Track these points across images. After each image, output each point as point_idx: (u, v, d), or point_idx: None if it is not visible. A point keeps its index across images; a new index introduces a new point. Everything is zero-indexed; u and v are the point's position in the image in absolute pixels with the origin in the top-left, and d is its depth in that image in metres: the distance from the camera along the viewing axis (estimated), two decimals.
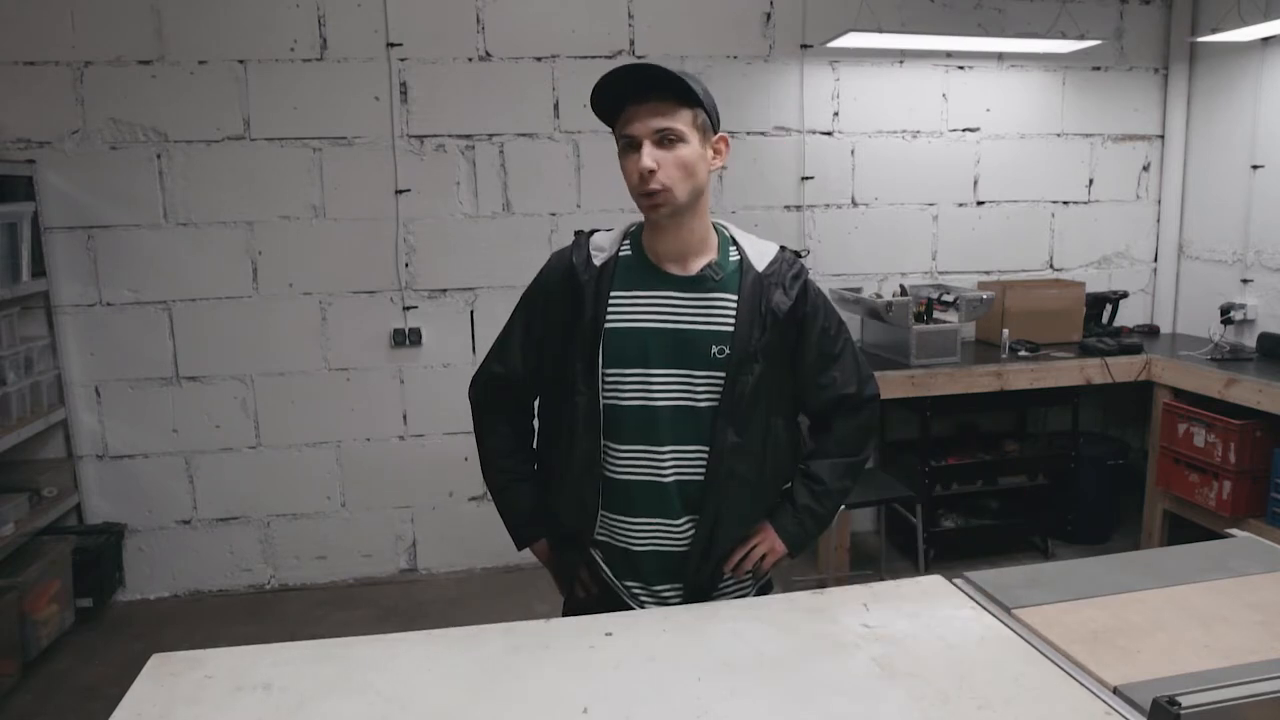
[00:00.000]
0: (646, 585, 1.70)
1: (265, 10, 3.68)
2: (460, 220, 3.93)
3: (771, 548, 1.72)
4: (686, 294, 1.62)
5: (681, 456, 1.62)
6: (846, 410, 1.77)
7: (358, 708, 1.31)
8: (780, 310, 1.63)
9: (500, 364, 1.75)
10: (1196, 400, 3.77)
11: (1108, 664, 1.36)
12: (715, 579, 1.71)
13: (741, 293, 1.61)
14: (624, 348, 1.61)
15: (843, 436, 1.78)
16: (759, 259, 1.66)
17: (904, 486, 3.63)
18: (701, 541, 1.64)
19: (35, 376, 3.53)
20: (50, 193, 3.61)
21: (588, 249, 1.66)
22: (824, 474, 1.74)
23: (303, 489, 3.98)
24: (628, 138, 1.55)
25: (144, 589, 3.91)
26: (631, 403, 1.62)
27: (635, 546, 1.68)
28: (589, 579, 1.74)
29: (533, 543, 1.81)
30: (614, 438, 1.63)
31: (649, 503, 1.64)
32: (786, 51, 4.12)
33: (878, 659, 1.41)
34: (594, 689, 1.34)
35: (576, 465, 1.64)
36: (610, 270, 1.63)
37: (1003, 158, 4.44)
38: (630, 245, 1.67)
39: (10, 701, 3.09)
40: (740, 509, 1.67)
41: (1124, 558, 1.88)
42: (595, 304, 1.61)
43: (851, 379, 1.75)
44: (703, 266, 1.63)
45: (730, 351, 1.59)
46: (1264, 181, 4.12)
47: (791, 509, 1.73)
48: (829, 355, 1.72)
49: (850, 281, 4.34)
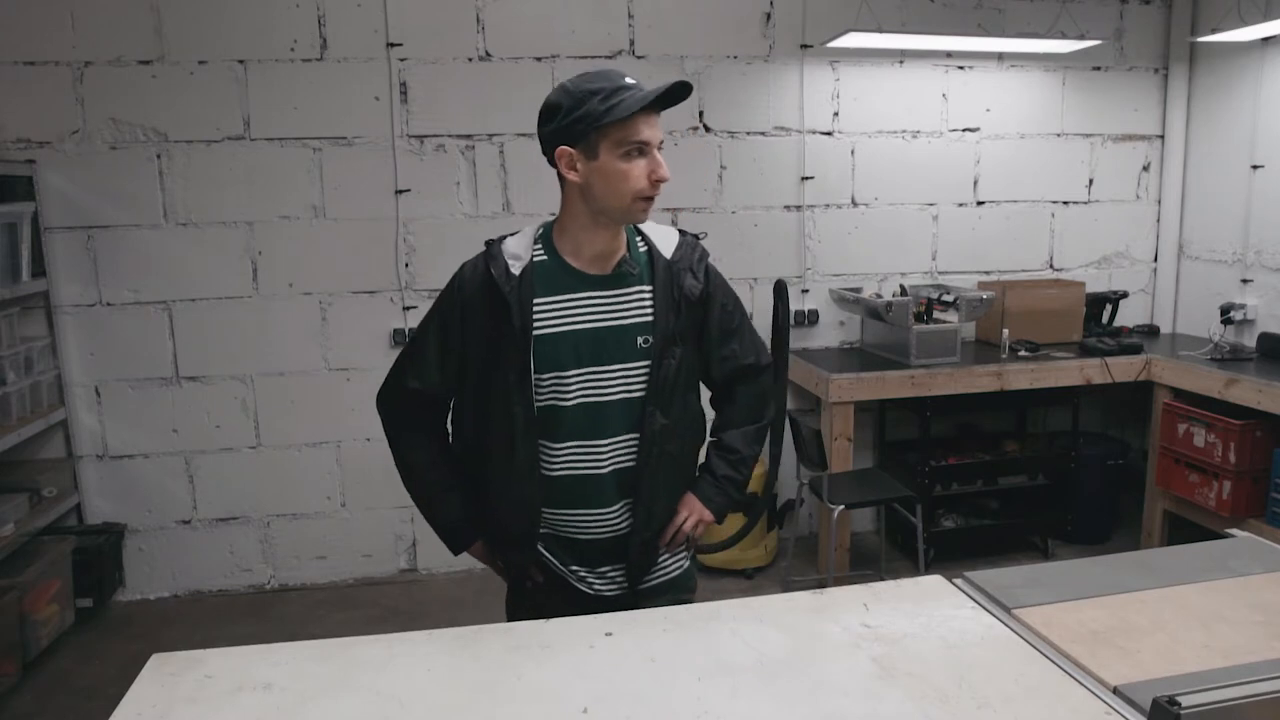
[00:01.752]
0: (591, 568, 1.78)
1: (265, 10, 3.68)
2: (460, 220, 3.93)
3: (700, 517, 1.83)
4: (607, 291, 1.69)
5: (619, 445, 1.70)
6: (747, 378, 1.88)
7: (358, 708, 1.31)
8: (693, 294, 1.72)
9: (415, 379, 1.77)
10: (1196, 400, 3.77)
11: (1108, 664, 1.36)
12: (654, 555, 1.80)
13: (656, 282, 1.70)
14: (559, 352, 1.65)
15: (746, 404, 1.89)
16: (665, 247, 1.74)
17: (904, 486, 3.64)
18: (640, 521, 1.73)
19: (35, 376, 3.53)
20: (50, 193, 3.62)
21: (504, 258, 1.68)
22: (737, 443, 1.87)
23: (303, 489, 3.98)
24: (642, 144, 1.59)
25: (144, 589, 3.91)
26: (574, 402, 1.68)
27: (578, 536, 1.75)
28: (535, 570, 1.79)
29: (468, 547, 1.87)
30: (550, 437, 1.69)
31: (587, 494, 1.72)
32: (786, 51, 4.12)
33: (878, 659, 1.41)
34: (594, 689, 1.34)
35: (517, 470, 1.69)
36: (530, 277, 1.66)
37: (1003, 158, 4.44)
38: (543, 249, 1.70)
39: (10, 701, 3.09)
40: (670, 485, 1.77)
41: (1124, 558, 1.88)
42: (521, 313, 1.64)
43: (750, 350, 1.87)
44: (618, 262, 1.69)
45: (654, 339, 1.68)
46: (1264, 181, 4.11)
47: (712, 479, 1.85)
48: (728, 329, 1.83)
49: (850, 281, 4.34)
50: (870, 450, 4.49)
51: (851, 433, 3.88)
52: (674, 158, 4.16)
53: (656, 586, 1.81)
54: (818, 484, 3.54)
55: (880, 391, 3.90)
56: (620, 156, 1.59)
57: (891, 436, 4.46)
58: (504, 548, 1.81)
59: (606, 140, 1.58)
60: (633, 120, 1.57)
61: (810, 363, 4.02)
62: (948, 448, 4.29)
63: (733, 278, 4.52)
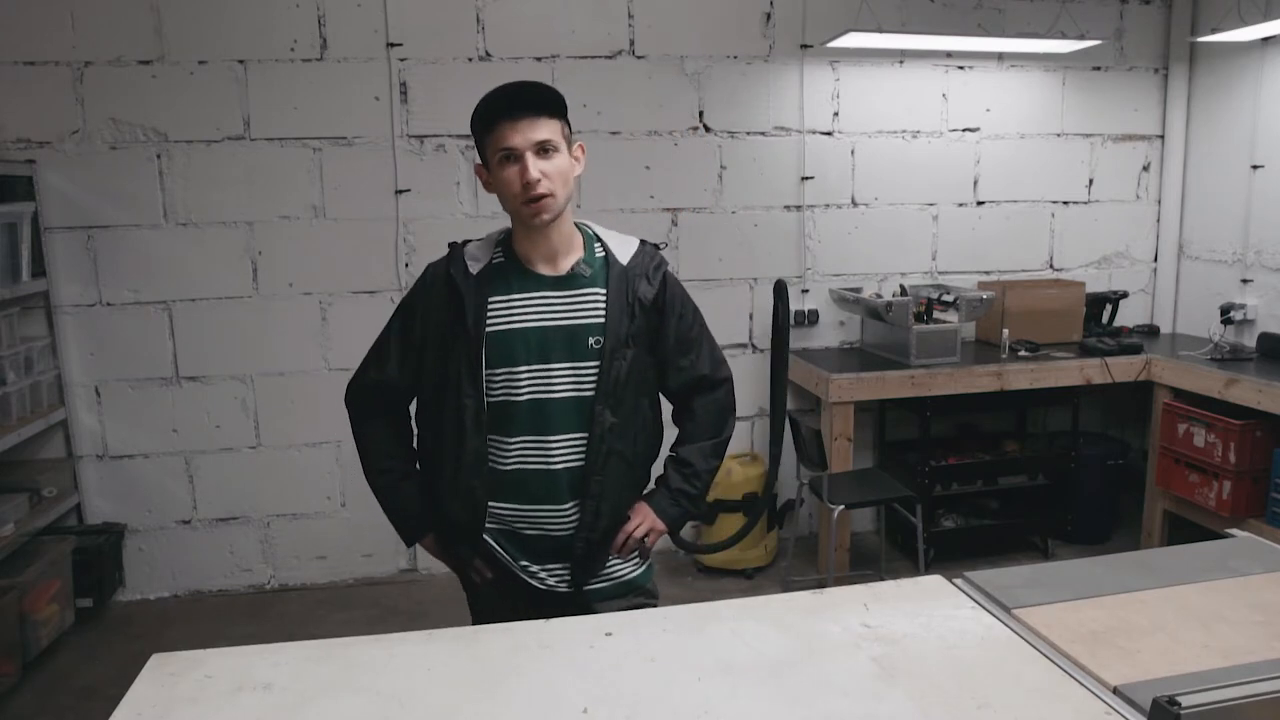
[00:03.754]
0: (541, 564, 1.81)
1: (265, 10, 3.68)
2: (460, 220, 3.93)
3: (652, 527, 1.85)
4: (559, 292, 1.74)
5: (569, 443, 1.74)
6: (703, 390, 1.90)
7: (358, 708, 1.31)
8: (646, 299, 1.76)
9: (377, 371, 1.85)
10: (1196, 400, 3.77)
11: (1108, 664, 1.36)
12: (603, 557, 1.82)
13: (609, 285, 1.75)
14: (510, 348, 1.71)
15: (704, 418, 1.91)
16: (622, 253, 1.79)
17: (904, 486, 3.63)
18: (588, 521, 1.75)
19: (35, 376, 3.53)
20: (50, 193, 3.61)
21: (463, 259, 1.76)
22: (692, 458, 1.89)
23: (303, 489, 3.97)
24: (507, 150, 1.65)
25: (144, 589, 3.91)
26: (524, 398, 1.72)
27: (525, 531, 1.79)
28: (483, 566, 1.82)
29: (421, 539, 1.90)
30: (503, 432, 1.74)
31: (539, 490, 1.75)
32: (786, 51, 4.12)
33: (878, 659, 1.41)
34: (594, 689, 1.34)
35: (466, 463, 1.73)
36: (486, 277, 1.74)
37: (1003, 158, 4.44)
38: (502, 252, 1.78)
39: (10, 701, 3.09)
40: (619, 487, 1.79)
41: (1124, 558, 1.88)
42: (475, 310, 1.71)
43: (705, 362, 1.89)
44: (572, 265, 1.75)
45: (605, 341, 1.72)
46: (1264, 181, 4.11)
47: (667, 492, 1.87)
48: (686, 340, 1.86)
49: (850, 281, 4.34)
50: (870, 450, 4.49)
51: (851, 433, 3.88)
52: (674, 158, 4.20)
53: (606, 589, 1.83)
54: (818, 484, 3.54)
55: (880, 391, 3.90)
56: (498, 164, 1.67)
57: (891, 436, 4.46)
58: (451, 540, 1.85)
59: (489, 150, 1.68)
60: (498, 127, 1.64)
61: (810, 363, 4.02)
62: (948, 448, 4.29)
63: (733, 278, 4.53)
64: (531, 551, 1.80)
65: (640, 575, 1.89)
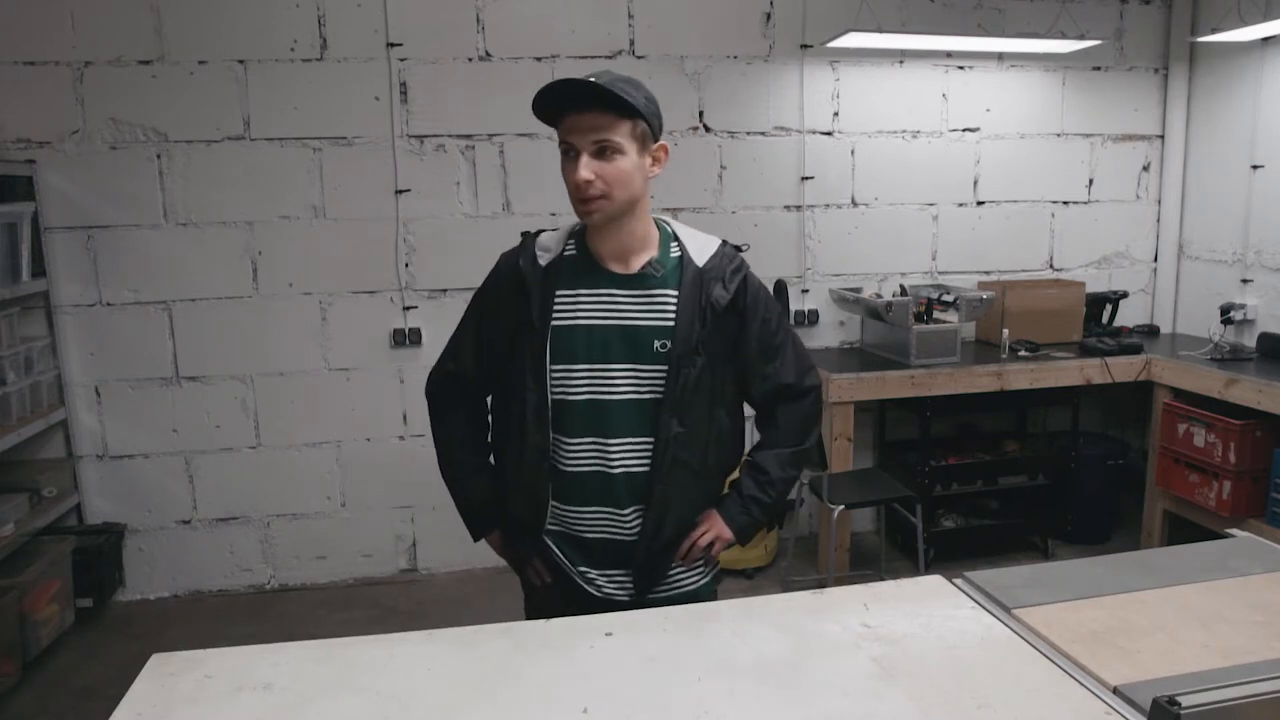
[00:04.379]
0: (600, 570, 1.76)
1: (265, 10, 3.68)
2: (460, 220, 3.93)
3: (719, 535, 1.79)
4: (628, 290, 1.67)
5: (630, 448, 1.68)
6: (788, 399, 1.83)
7: (358, 708, 1.31)
8: (720, 304, 1.68)
9: (454, 362, 1.82)
10: (1196, 400, 3.77)
11: (1108, 664, 1.36)
12: (665, 565, 1.77)
13: (682, 288, 1.67)
14: (570, 344, 1.66)
15: (785, 426, 1.84)
16: (699, 254, 1.71)
17: (904, 486, 3.63)
18: (650, 529, 1.70)
19: (35, 376, 3.53)
20: (50, 193, 3.61)
21: (534, 249, 1.71)
22: (768, 464, 1.82)
23: (303, 489, 3.97)
24: (568, 145, 1.59)
25: (144, 589, 3.91)
26: (580, 397, 1.67)
27: (586, 535, 1.74)
28: (542, 568, 1.79)
29: (488, 534, 1.88)
30: (564, 431, 1.69)
31: (598, 493, 1.70)
32: (786, 51, 4.12)
33: (878, 659, 1.41)
34: (594, 689, 1.34)
35: (528, 459, 1.70)
36: (555, 269, 1.69)
37: (1003, 158, 4.44)
38: (575, 244, 1.72)
39: (10, 701, 3.09)
40: (685, 497, 1.73)
41: (1124, 558, 1.88)
42: (541, 302, 1.66)
43: (791, 369, 1.81)
44: (644, 264, 1.69)
45: (672, 345, 1.65)
46: (1264, 181, 4.11)
47: (738, 498, 1.80)
48: (770, 347, 1.78)
49: (850, 281, 4.34)
50: (870, 450, 4.49)
51: (851, 433, 3.88)
52: (674, 157, 4.17)
53: (668, 599, 1.77)
54: (818, 484, 3.54)
55: (880, 391, 3.90)
56: (562, 154, 1.63)
57: (891, 436, 4.46)
58: (515, 537, 1.81)
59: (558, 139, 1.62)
60: (564, 119, 1.59)
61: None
62: (948, 448, 4.29)
63: None
64: (592, 557, 1.75)
65: (703, 586, 1.83)
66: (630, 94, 1.56)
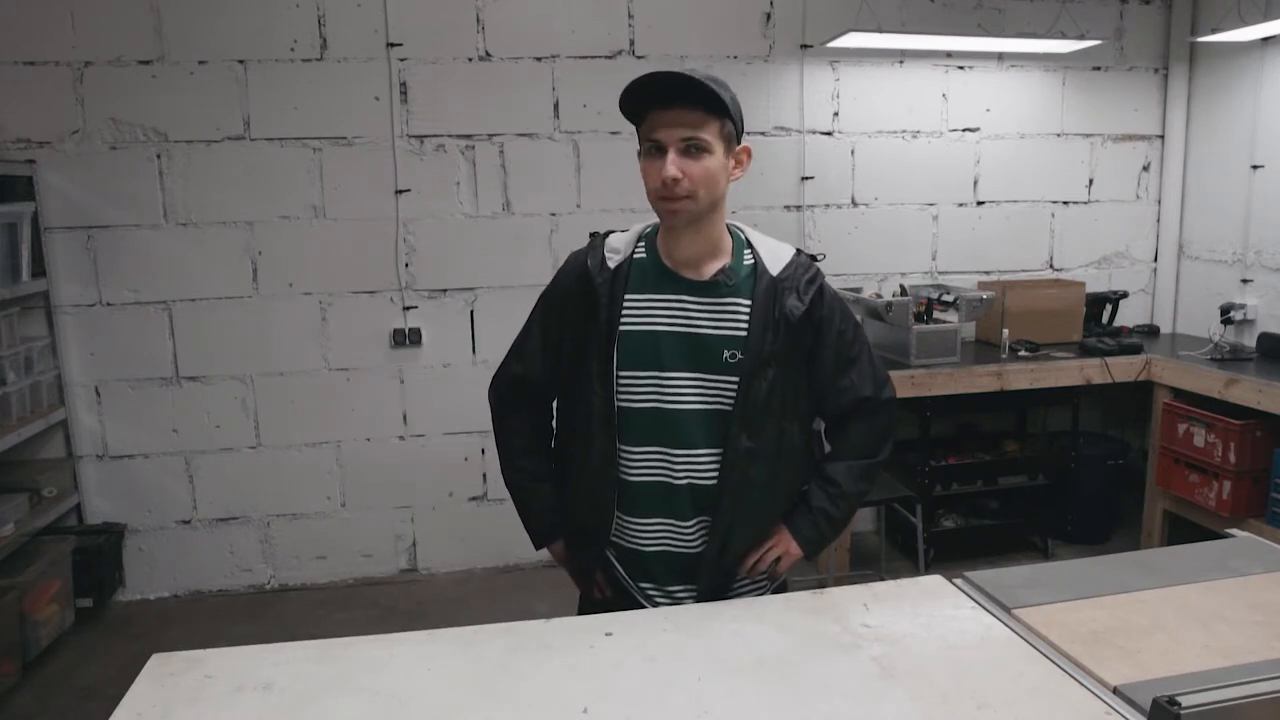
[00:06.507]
0: (660, 586, 1.71)
1: (265, 10, 3.67)
2: (460, 220, 3.93)
3: (786, 550, 1.73)
4: (700, 298, 1.62)
5: (695, 459, 1.63)
6: (864, 413, 1.77)
7: (358, 708, 1.31)
8: (794, 315, 1.62)
9: (519, 365, 1.76)
10: (1196, 400, 3.77)
11: (1108, 664, 1.36)
12: (729, 580, 1.71)
13: (755, 297, 1.61)
14: (637, 350, 1.61)
15: (859, 439, 1.78)
16: (773, 263, 1.65)
17: (904, 486, 3.63)
18: (715, 544, 1.65)
19: (35, 376, 3.53)
20: (50, 193, 3.61)
21: (603, 251, 1.66)
22: (839, 477, 1.75)
23: (303, 489, 3.97)
24: (654, 142, 1.53)
25: (144, 589, 3.91)
26: (644, 405, 1.62)
27: (646, 548, 1.69)
28: (604, 582, 1.74)
29: (550, 542, 1.82)
30: (628, 440, 1.64)
31: (660, 504, 1.66)
32: (786, 51, 4.12)
33: (878, 659, 1.41)
34: (594, 689, 1.34)
35: (592, 466, 1.65)
36: (625, 273, 1.63)
37: (1003, 158, 4.44)
38: (645, 247, 1.67)
39: (10, 701, 3.09)
40: (754, 512, 1.67)
41: (1124, 558, 1.88)
42: (609, 306, 1.61)
43: (868, 382, 1.75)
44: (716, 271, 1.63)
45: (743, 356, 1.59)
46: (1264, 181, 4.11)
47: (807, 512, 1.73)
48: (846, 359, 1.72)
49: (850, 281, 4.34)
50: None
51: None
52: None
53: None
54: None
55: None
56: (645, 152, 1.57)
57: None
58: (577, 546, 1.77)
59: (640, 134, 1.57)
60: (650, 115, 1.53)
61: None
62: (948, 448, 4.29)
63: None
64: (652, 573, 1.70)
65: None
66: (721, 92, 1.52)
